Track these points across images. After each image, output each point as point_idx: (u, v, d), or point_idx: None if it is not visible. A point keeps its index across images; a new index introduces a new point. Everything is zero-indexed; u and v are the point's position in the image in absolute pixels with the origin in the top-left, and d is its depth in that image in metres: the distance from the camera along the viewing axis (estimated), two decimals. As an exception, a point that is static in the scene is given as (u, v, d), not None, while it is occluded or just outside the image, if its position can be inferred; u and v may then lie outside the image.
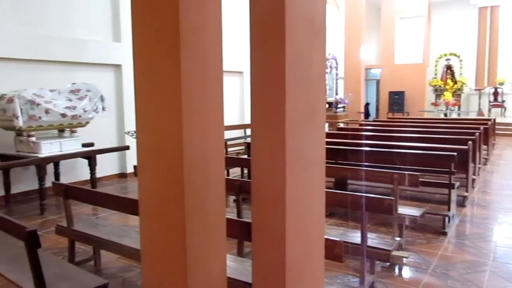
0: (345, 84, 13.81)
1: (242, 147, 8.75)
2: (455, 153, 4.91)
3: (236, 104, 11.12)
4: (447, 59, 17.44)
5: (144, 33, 1.73)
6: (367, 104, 19.58)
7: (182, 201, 1.66)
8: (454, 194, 5.11)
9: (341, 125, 11.85)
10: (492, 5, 17.63)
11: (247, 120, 11.11)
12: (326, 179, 5.92)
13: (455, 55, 17.31)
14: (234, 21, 10.88)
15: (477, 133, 7.08)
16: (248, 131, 10.30)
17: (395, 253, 3.75)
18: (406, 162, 5.66)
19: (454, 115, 16.17)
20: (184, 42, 1.60)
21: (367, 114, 19.37)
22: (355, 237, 3.40)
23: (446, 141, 6.86)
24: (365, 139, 7.50)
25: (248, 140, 9.83)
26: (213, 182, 1.81)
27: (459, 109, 16.74)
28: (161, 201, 1.74)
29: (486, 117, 14.10)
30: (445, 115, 16.23)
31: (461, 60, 17.29)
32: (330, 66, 12.25)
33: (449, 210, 4.96)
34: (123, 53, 7.67)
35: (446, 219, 4.84)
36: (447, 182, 5.01)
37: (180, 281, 1.70)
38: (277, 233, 1.59)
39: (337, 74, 12.59)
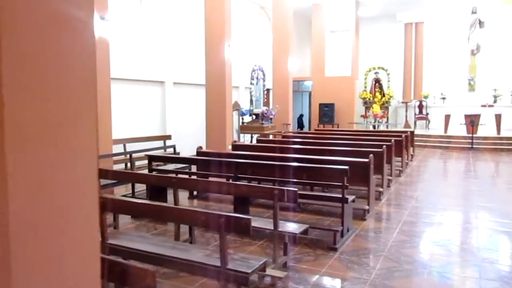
0: (273, 95, 13.82)
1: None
2: (347, 167, 4.85)
3: (157, 114, 10.74)
4: (376, 73, 18.01)
5: None
6: (301, 116, 19.83)
7: None
8: (348, 208, 5.06)
9: (271, 136, 11.80)
10: (417, 22, 18.50)
11: (169, 131, 10.76)
12: (228, 197, 5.67)
13: (383, 68, 17.91)
14: (154, 30, 10.58)
15: (384, 146, 7.17)
16: (168, 142, 9.95)
17: (269, 272, 3.58)
18: (307, 176, 5.59)
19: (382, 127, 16.67)
20: None
21: (301, 126, 19.60)
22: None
23: (355, 153, 6.91)
24: (278, 152, 7.42)
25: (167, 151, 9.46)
26: None
27: (387, 121, 17.28)
28: None
29: (407, 129, 14.62)
30: (374, 127, 16.71)
31: (388, 74, 17.92)
32: (257, 78, 12.17)
33: (342, 225, 4.88)
34: None
35: (338, 234, 4.75)
36: (340, 196, 4.93)
37: None
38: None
39: (264, 86, 12.54)
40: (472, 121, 13.77)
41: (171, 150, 9.04)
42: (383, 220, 5.99)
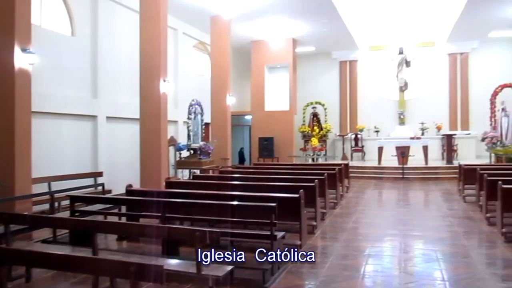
0: (212, 130, 13.79)
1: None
2: (274, 204, 4.83)
3: (88, 150, 10.29)
4: (313, 107, 18.57)
5: None
6: (241, 149, 19.88)
7: None
8: (278, 245, 5.00)
9: (211, 172, 11.65)
10: (351, 60, 19.49)
11: (101, 167, 10.32)
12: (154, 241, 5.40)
13: (320, 103, 18.50)
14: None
15: (316, 180, 7.27)
16: (100, 179, 9.51)
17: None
18: (239, 214, 5.50)
19: (320, 160, 17.04)
20: None
21: (242, 159, 19.61)
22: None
23: (289, 188, 6.93)
24: (214, 189, 7.29)
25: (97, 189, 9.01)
26: None
27: (325, 153, 17.72)
28: None
29: (343, 161, 15.03)
30: (313, 159, 17.05)
31: (325, 108, 18.54)
32: (195, 112, 12.08)
33: (272, 262, 4.80)
34: None
35: (268, 272, 4.66)
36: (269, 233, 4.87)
37: None
38: None
39: (202, 120, 12.46)
40: (402, 153, 14.45)
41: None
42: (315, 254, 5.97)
